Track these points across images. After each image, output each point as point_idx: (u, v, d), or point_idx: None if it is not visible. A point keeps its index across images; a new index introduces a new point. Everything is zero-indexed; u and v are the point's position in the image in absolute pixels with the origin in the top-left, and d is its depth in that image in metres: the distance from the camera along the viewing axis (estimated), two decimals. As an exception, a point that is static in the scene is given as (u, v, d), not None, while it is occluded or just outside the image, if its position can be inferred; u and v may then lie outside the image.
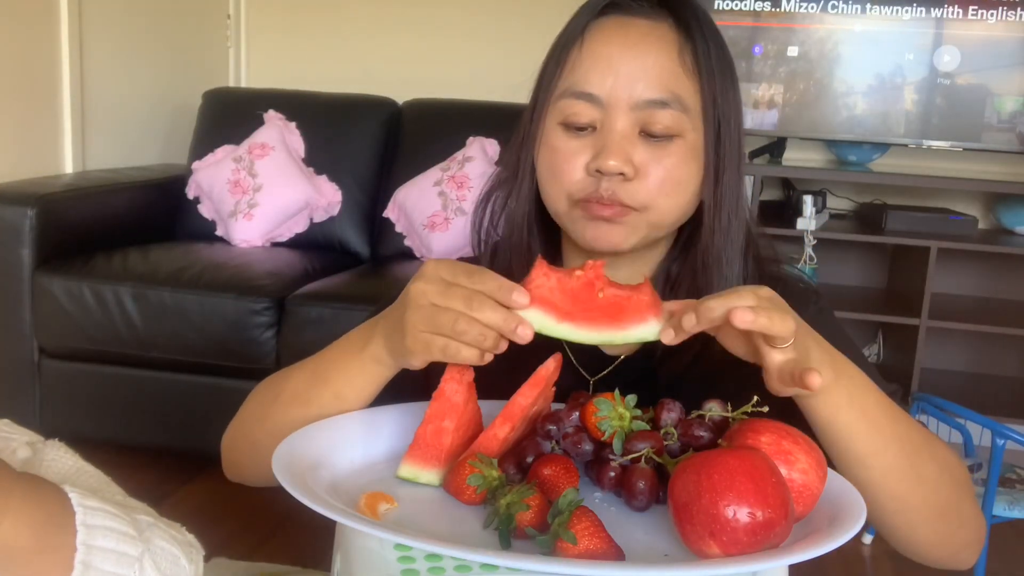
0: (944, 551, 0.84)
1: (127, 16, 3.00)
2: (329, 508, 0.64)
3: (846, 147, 3.09)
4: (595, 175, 0.85)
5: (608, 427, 0.72)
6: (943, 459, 0.81)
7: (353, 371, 0.82)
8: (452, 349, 0.72)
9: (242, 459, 0.92)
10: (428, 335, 0.73)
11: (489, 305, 0.71)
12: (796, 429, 0.70)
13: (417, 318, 0.73)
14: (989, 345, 3.10)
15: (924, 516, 0.79)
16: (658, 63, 0.85)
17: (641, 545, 0.67)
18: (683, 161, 0.86)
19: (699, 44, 0.87)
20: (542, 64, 0.91)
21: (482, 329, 0.71)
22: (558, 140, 0.88)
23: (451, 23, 3.34)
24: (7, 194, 2.41)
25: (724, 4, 2.90)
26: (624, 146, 0.85)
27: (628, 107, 0.85)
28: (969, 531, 0.84)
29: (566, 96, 0.87)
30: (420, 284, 0.74)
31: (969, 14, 2.82)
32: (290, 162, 2.91)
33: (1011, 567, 2.30)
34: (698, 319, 0.69)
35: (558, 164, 0.87)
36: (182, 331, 2.38)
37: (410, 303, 0.74)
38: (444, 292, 0.72)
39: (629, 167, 0.84)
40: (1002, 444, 1.87)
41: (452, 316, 0.71)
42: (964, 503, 0.83)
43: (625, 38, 0.86)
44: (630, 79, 0.85)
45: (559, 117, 0.88)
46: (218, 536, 2.18)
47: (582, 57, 0.87)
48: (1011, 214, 2.99)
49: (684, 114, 0.86)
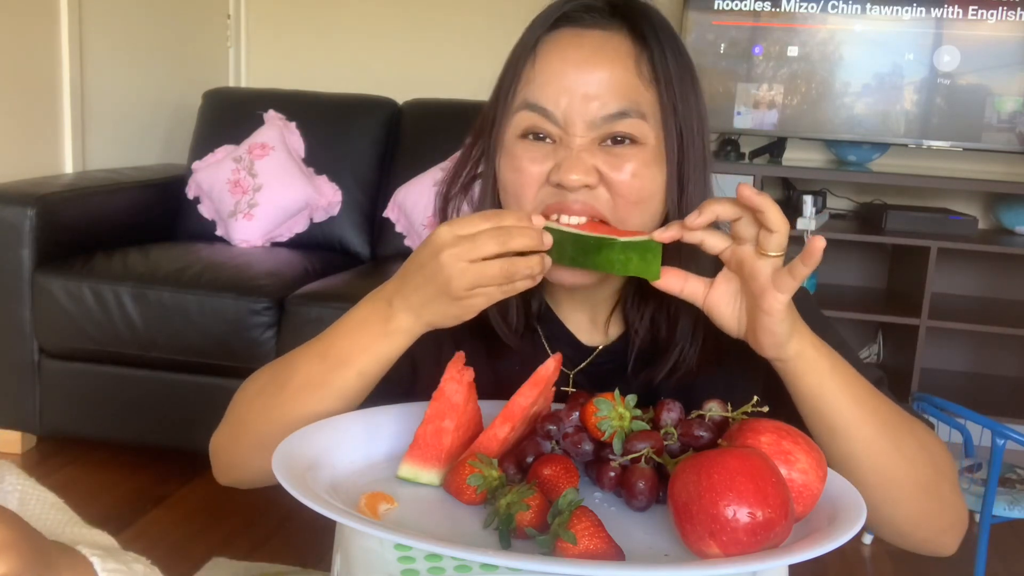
0: (926, 531, 0.84)
1: (127, 16, 3.00)
2: (329, 508, 0.64)
3: (846, 147, 3.09)
4: (557, 187, 0.84)
5: (608, 427, 0.72)
6: (923, 439, 0.82)
7: (380, 348, 0.82)
8: (508, 288, 0.77)
9: (244, 456, 0.89)
10: (481, 289, 0.76)
11: (517, 232, 0.75)
12: (796, 429, 0.71)
13: (463, 281, 0.75)
14: (989, 345, 3.10)
15: (906, 492, 0.80)
16: (613, 76, 0.84)
17: (641, 545, 0.67)
18: (645, 165, 0.85)
19: (655, 52, 0.85)
20: (499, 77, 0.89)
21: (526, 263, 0.75)
22: (519, 149, 0.86)
23: (451, 23, 3.34)
24: (7, 194, 2.41)
25: (724, 4, 2.90)
26: (583, 158, 0.83)
27: (585, 125, 0.84)
28: (950, 514, 0.85)
29: (523, 109, 0.86)
30: (448, 251, 0.75)
31: (969, 14, 2.82)
32: (290, 162, 2.91)
33: (1011, 567, 2.30)
34: (702, 212, 0.74)
35: (520, 175, 0.86)
36: (182, 331, 2.37)
37: (449, 271, 0.75)
38: (474, 246, 0.74)
39: (592, 176, 0.83)
40: (1002, 444, 1.87)
41: (496, 264, 0.75)
42: (944, 485, 0.83)
43: (579, 51, 0.84)
44: (585, 99, 0.83)
45: (517, 130, 0.86)
46: (218, 536, 2.18)
47: (535, 72, 0.85)
48: (1011, 214, 2.99)
49: (644, 121, 0.84)
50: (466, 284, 0.75)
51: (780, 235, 0.73)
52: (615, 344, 0.94)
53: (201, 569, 2.02)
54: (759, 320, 0.75)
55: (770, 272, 0.74)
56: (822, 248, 0.71)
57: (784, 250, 0.74)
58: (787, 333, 0.75)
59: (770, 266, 0.74)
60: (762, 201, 0.71)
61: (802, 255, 0.72)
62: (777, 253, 0.73)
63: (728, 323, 0.79)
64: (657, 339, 0.90)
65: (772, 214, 0.72)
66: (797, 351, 0.76)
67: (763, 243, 0.73)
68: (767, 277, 0.74)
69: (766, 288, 0.74)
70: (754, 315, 0.76)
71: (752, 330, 0.77)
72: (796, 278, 0.73)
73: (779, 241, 0.73)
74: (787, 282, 0.73)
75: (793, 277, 0.73)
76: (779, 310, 0.74)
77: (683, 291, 0.79)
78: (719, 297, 0.78)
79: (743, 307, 0.78)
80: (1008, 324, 2.77)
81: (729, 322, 0.79)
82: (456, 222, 0.76)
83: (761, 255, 0.74)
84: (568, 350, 0.93)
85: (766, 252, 0.73)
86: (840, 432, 0.78)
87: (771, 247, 0.73)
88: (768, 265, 0.74)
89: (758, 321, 0.75)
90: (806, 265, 0.72)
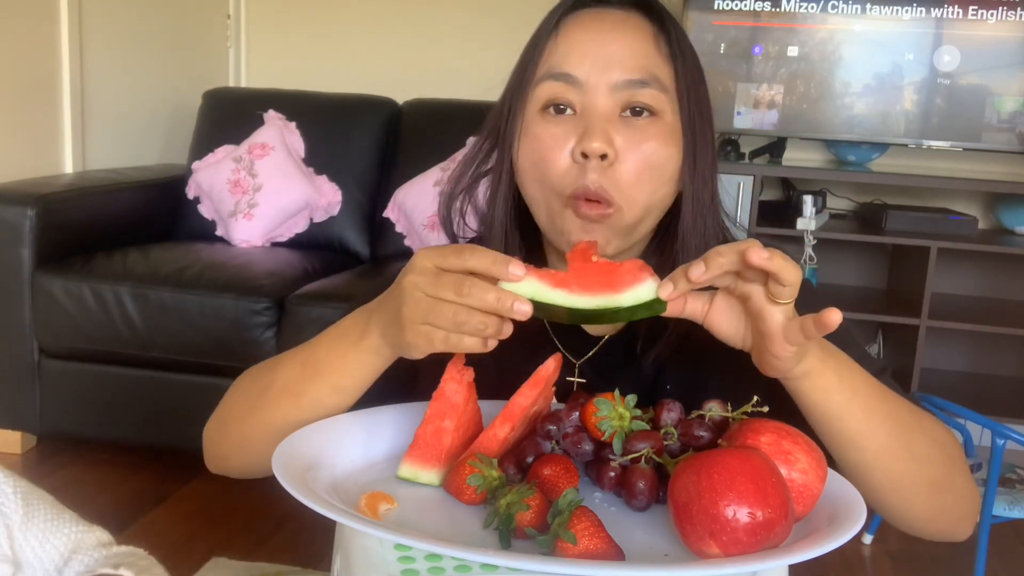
0: (940, 524, 0.84)
1: (127, 16, 3.00)
2: (329, 508, 0.64)
3: (846, 147, 3.09)
4: (580, 161, 0.85)
5: (608, 427, 0.72)
6: (933, 434, 0.82)
7: (351, 364, 0.80)
8: (454, 340, 0.71)
9: (228, 451, 0.90)
10: (428, 328, 0.71)
11: (480, 288, 0.69)
12: (796, 429, 0.70)
13: (414, 313, 0.71)
14: (989, 345, 3.10)
15: (919, 492, 0.80)
16: (635, 46, 0.86)
17: (641, 545, 0.67)
18: (663, 143, 0.86)
19: (672, 33, 0.88)
20: (515, 66, 0.90)
21: (482, 317, 0.69)
22: (540, 128, 0.87)
23: (451, 23, 3.34)
24: (7, 194, 2.41)
25: (724, 4, 2.90)
26: (606, 128, 0.84)
27: (608, 89, 0.85)
28: (964, 503, 0.85)
29: (546, 79, 0.87)
30: (411, 276, 0.72)
31: (969, 14, 2.82)
32: (290, 162, 2.91)
33: (1011, 567, 2.30)
34: (708, 267, 0.68)
35: (542, 154, 0.86)
36: (182, 331, 2.38)
37: (404, 297, 0.72)
38: (435, 282, 0.70)
39: (611, 148, 0.84)
40: (1002, 444, 1.87)
41: (450, 308, 0.69)
42: (957, 477, 0.83)
43: (600, 25, 0.87)
44: (608, 62, 0.85)
45: (539, 103, 0.87)
46: (218, 536, 2.18)
47: (558, 44, 0.87)
48: (1011, 214, 2.99)
49: (663, 94, 0.86)
50: (416, 317, 0.71)
51: (793, 288, 0.68)
52: (621, 334, 0.94)
53: (201, 569, 2.02)
54: (764, 356, 0.73)
55: (781, 320, 0.70)
56: (837, 323, 0.67)
57: (795, 297, 0.69)
58: (794, 363, 0.73)
59: (781, 313, 0.70)
60: (773, 264, 0.67)
61: (816, 323, 0.68)
62: (789, 301, 0.69)
63: (732, 339, 0.76)
64: (660, 319, 0.89)
65: (786, 273, 0.67)
66: (803, 371, 0.74)
67: (775, 293, 0.69)
68: (778, 324, 0.70)
69: (775, 336, 0.70)
70: (760, 345, 0.73)
71: (757, 355, 0.74)
72: (807, 336, 0.69)
73: (792, 292, 0.69)
74: (797, 337, 0.69)
75: (804, 335, 0.69)
76: (788, 357, 0.71)
77: (683, 312, 0.75)
78: (719, 315, 0.75)
79: (747, 328, 0.75)
80: (1008, 324, 2.77)
81: (733, 339, 0.76)
82: (434, 249, 0.73)
83: (772, 302, 0.70)
84: (575, 340, 0.93)
85: (777, 301, 0.69)
86: (851, 443, 0.77)
87: (784, 297, 0.69)
88: (779, 312, 0.70)
89: (763, 355, 0.73)
90: (818, 331, 0.68)
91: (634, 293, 0.72)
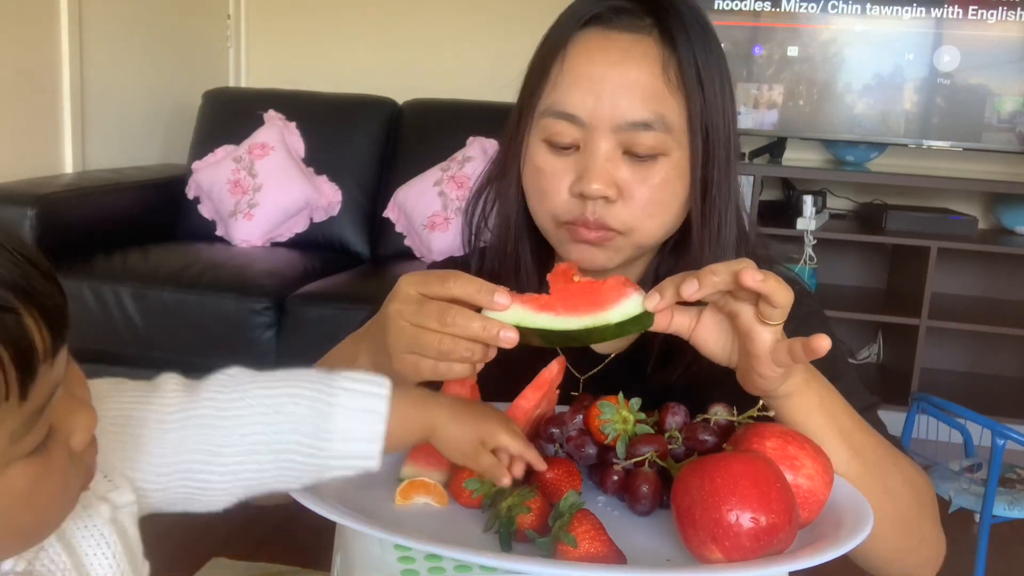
0: (902, 567, 0.84)
1: (127, 16, 3.00)
2: (329, 508, 0.64)
3: (845, 147, 3.09)
4: (579, 197, 0.84)
5: (612, 430, 0.72)
6: (908, 475, 0.81)
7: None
8: (443, 368, 0.70)
9: None
10: (415, 357, 0.70)
11: (464, 317, 0.68)
12: (802, 434, 0.70)
13: (399, 342, 0.70)
14: (989, 345, 3.10)
15: (887, 529, 0.77)
16: (640, 81, 0.83)
17: (644, 549, 0.67)
18: (668, 181, 0.85)
19: (684, 55, 0.84)
20: (527, 71, 0.89)
21: (468, 345, 0.68)
22: (542, 159, 0.86)
23: (451, 23, 3.34)
24: (7, 194, 2.40)
25: (724, 4, 2.90)
26: (607, 168, 0.83)
27: (610, 129, 0.83)
28: (928, 549, 0.84)
29: (548, 115, 0.85)
30: (395, 304, 0.71)
31: (969, 14, 2.82)
32: (290, 162, 2.91)
33: (1011, 567, 2.30)
34: (700, 285, 0.67)
35: (543, 185, 0.86)
36: (182, 331, 2.37)
37: (389, 327, 0.71)
38: (419, 311, 0.69)
39: (612, 189, 0.83)
40: (1002, 444, 1.86)
41: (434, 337, 0.68)
42: (926, 521, 0.83)
43: (607, 55, 0.84)
44: (612, 99, 0.83)
45: (542, 135, 0.86)
46: (218, 536, 2.18)
47: (564, 74, 0.85)
48: (1011, 214, 2.99)
49: (668, 134, 0.84)
50: (401, 346, 0.70)
51: (784, 310, 0.68)
52: (628, 352, 0.94)
53: (201, 569, 2.02)
54: (749, 375, 0.72)
55: (770, 341, 0.69)
56: (826, 350, 0.67)
57: (785, 319, 0.69)
58: (779, 383, 0.73)
59: (770, 334, 0.69)
60: (767, 286, 0.66)
61: (805, 347, 0.68)
62: (778, 323, 0.69)
63: (717, 356, 0.75)
64: (672, 341, 0.89)
65: (778, 296, 0.67)
66: (786, 392, 0.74)
67: (766, 314, 0.69)
68: (766, 345, 0.69)
69: (763, 356, 0.70)
70: (746, 364, 0.72)
71: (742, 374, 0.74)
72: (795, 359, 0.69)
73: (783, 315, 0.69)
74: (784, 359, 0.69)
75: (792, 358, 0.69)
76: (774, 377, 0.71)
77: (669, 327, 0.75)
78: (707, 331, 0.74)
79: (734, 345, 0.74)
80: (1008, 324, 2.77)
81: (719, 356, 0.75)
82: (418, 275, 0.72)
83: (762, 322, 0.69)
84: (580, 357, 0.93)
85: (767, 321, 0.69)
86: None
87: (774, 319, 0.69)
88: (768, 333, 0.69)
89: (748, 374, 0.73)
90: (806, 356, 0.68)
91: (621, 309, 0.71)
